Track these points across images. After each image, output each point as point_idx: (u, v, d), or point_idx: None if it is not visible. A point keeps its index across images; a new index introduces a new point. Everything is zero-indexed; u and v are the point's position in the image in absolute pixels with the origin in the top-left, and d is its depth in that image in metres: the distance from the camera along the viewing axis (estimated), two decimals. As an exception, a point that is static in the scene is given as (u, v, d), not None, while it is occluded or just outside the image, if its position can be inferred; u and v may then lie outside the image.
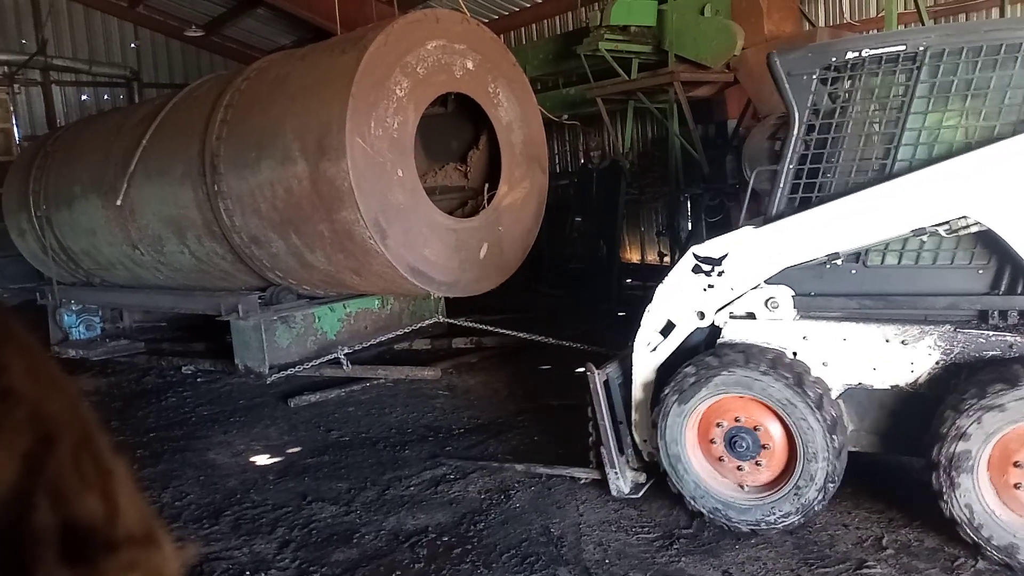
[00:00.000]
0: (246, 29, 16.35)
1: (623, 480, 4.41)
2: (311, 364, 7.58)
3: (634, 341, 4.36)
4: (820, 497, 3.83)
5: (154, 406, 7.26)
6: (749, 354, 3.93)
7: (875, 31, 8.70)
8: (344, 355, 7.41)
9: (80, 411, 0.52)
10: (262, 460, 5.67)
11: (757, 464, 3.98)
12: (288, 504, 4.80)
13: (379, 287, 7.54)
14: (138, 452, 5.86)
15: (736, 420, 3.98)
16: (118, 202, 8.29)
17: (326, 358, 7.54)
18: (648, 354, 4.32)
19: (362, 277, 7.16)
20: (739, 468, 4.03)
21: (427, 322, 8.15)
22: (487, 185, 7.69)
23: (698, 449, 4.10)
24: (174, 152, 7.89)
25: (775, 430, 3.93)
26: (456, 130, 8.37)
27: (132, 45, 16.43)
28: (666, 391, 4.07)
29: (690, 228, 10.53)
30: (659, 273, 11.16)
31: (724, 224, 9.02)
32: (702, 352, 4.15)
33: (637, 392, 4.39)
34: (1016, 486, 3.42)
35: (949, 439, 3.42)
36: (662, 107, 9.75)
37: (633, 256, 12.41)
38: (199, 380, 8.07)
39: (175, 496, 5.05)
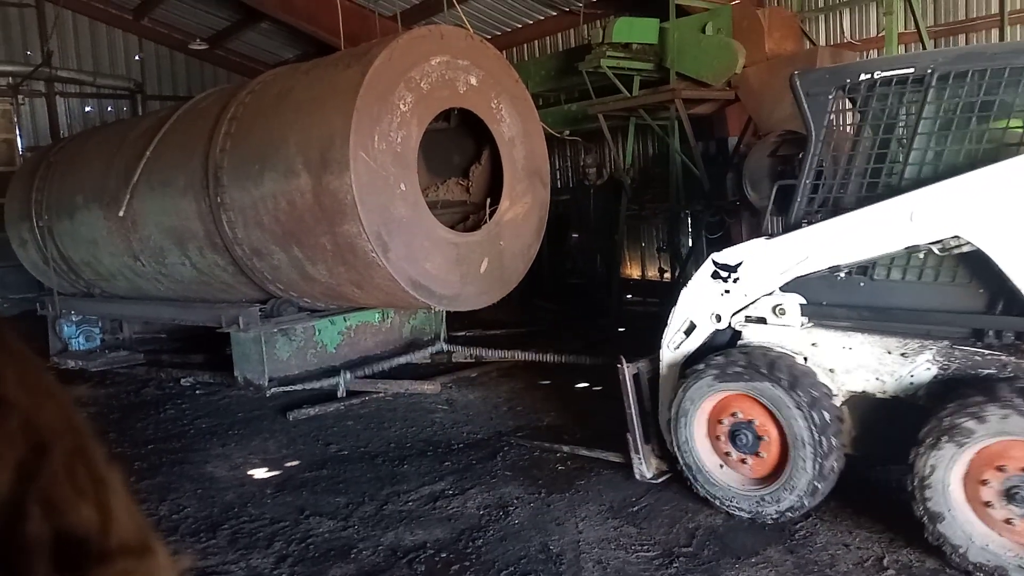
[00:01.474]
0: (250, 43, 16.45)
1: (646, 465, 4.77)
2: (314, 385, 7.55)
3: (661, 339, 4.70)
4: (808, 493, 4.03)
5: (152, 418, 7.23)
6: (752, 356, 4.16)
7: (876, 51, 8.76)
8: (344, 381, 7.37)
9: (74, 420, 0.51)
10: (260, 473, 5.64)
11: (756, 457, 4.27)
12: (286, 518, 4.77)
13: (380, 300, 7.54)
14: (136, 464, 5.84)
15: (738, 416, 4.27)
16: (120, 213, 8.30)
17: (329, 381, 7.44)
18: (672, 351, 4.66)
19: (363, 290, 7.16)
20: (740, 460, 4.32)
21: (431, 350, 8.01)
22: (489, 200, 7.71)
23: (706, 440, 4.43)
24: (177, 164, 7.91)
25: (772, 427, 4.18)
26: (458, 145, 8.40)
27: (136, 57, 16.52)
28: (681, 385, 4.42)
29: (691, 244, 10.55)
30: (659, 289, 11.20)
31: (724, 240, 9.04)
32: (726, 350, 4.44)
33: (663, 386, 4.71)
34: (987, 504, 3.51)
35: (925, 446, 3.58)
36: (663, 124, 9.79)
37: (633, 272, 12.42)
38: (198, 392, 8.05)
39: (172, 509, 5.02)
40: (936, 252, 3.82)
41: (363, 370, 7.81)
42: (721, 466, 4.39)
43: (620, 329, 9.66)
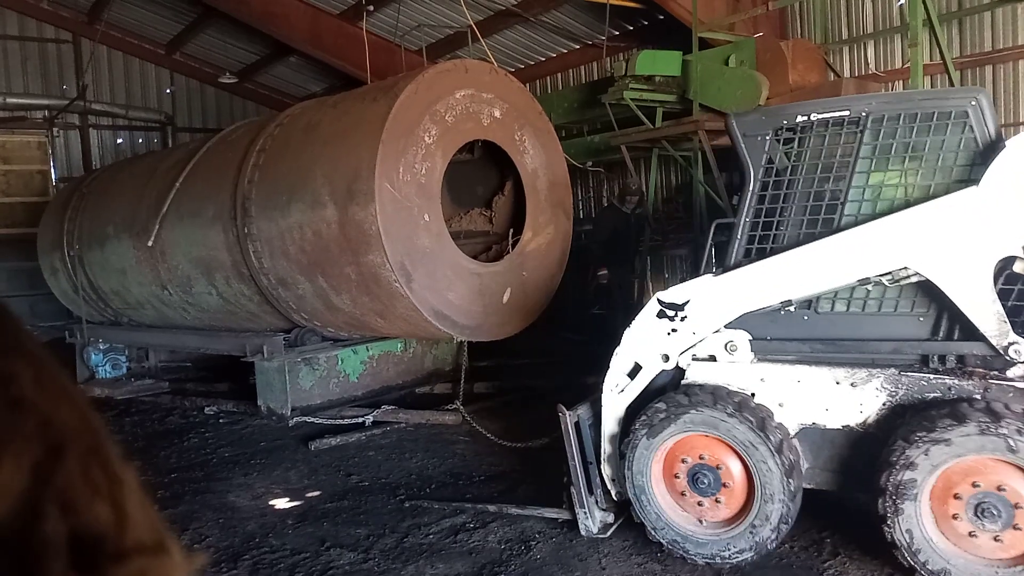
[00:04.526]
0: (278, 76, 16.79)
1: (592, 520, 4.55)
2: (337, 416, 7.54)
3: (603, 383, 4.54)
4: (774, 536, 3.99)
5: (176, 447, 7.27)
6: (717, 396, 4.12)
7: (901, 82, 8.73)
8: (371, 419, 7.36)
9: (89, 420, 0.52)
10: (282, 504, 5.63)
11: (717, 501, 4.18)
12: (306, 549, 4.75)
13: (403, 330, 7.56)
14: (159, 493, 5.86)
15: (700, 457, 4.19)
16: (149, 243, 8.45)
17: (354, 419, 7.43)
18: (616, 396, 4.52)
19: (386, 320, 7.19)
20: (699, 503, 4.21)
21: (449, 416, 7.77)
22: (512, 230, 7.74)
23: (662, 483, 4.31)
24: (206, 195, 8.04)
25: (736, 469, 4.12)
26: (482, 176, 8.47)
27: (167, 90, 16.92)
28: (636, 425, 4.28)
29: (714, 275, 10.44)
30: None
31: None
32: (669, 392, 4.36)
33: (606, 432, 4.57)
34: (955, 516, 3.58)
35: (898, 467, 3.60)
36: (686, 155, 9.79)
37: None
38: (221, 421, 8.08)
39: (194, 539, 5.02)
40: (886, 283, 3.98)
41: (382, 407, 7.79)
42: (701, 522, 4.23)
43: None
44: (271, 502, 5.67)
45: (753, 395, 4.19)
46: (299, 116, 7.76)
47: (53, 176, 14.26)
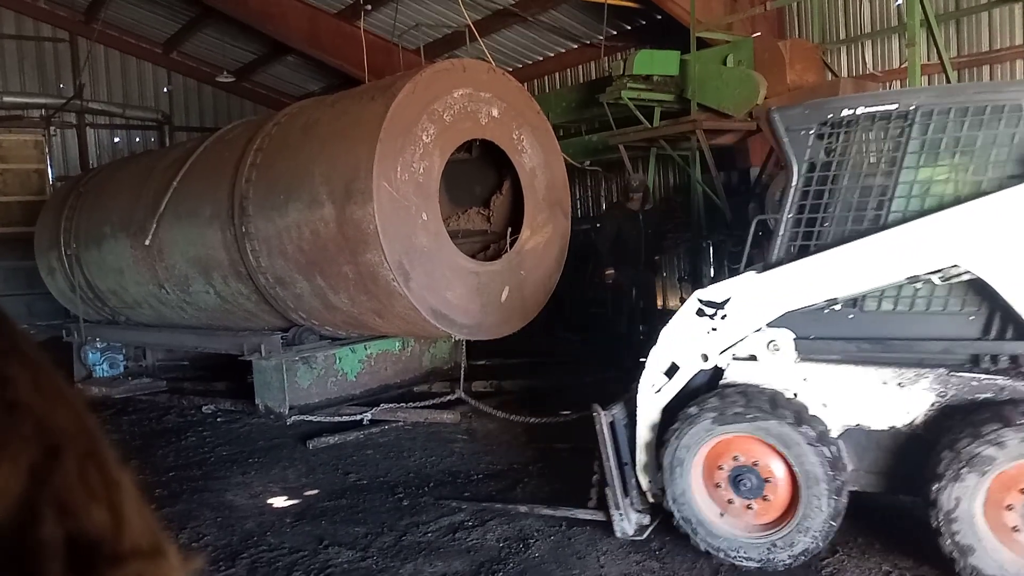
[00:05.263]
0: (276, 75, 16.78)
1: (627, 522, 4.45)
2: (334, 412, 7.53)
3: (639, 383, 4.42)
4: (790, 562, 3.95)
5: (174, 445, 7.26)
6: (802, 417, 3.97)
7: (899, 82, 8.74)
8: (369, 417, 7.36)
9: (86, 423, 0.52)
10: (280, 502, 5.63)
11: (749, 507, 4.09)
12: (305, 548, 4.75)
13: (401, 329, 7.56)
14: (157, 492, 5.85)
15: (754, 463, 4.06)
16: (147, 242, 8.43)
17: (352, 418, 7.41)
18: (653, 395, 4.40)
19: (384, 319, 7.19)
20: (730, 500, 4.13)
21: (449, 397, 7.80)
22: (510, 229, 7.74)
23: (702, 467, 4.20)
24: (204, 194, 8.04)
25: (783, 488, 4.01)
26: (480, 175, 8.46)
27: (165, 90, 16.91)
28: (707, 405, 4.10)
29: (712, 275, 10.46)
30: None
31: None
32: (720, 390, 4.24)
33: (642, 433, 4.45)
34: (1008, 507, 3.54)
35: (984, 442, 3.50)
36: (684, 154, 9.80)
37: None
38: (219, 420, 8.08)
39: (192, 537, 5.02)
40: (936, 281, 3.88)
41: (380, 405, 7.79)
42: (721, 515, 4.17)
43: (642, 360, 9.55)
44: (269, 501, 5.67)
45: (795, 395, 4.09)
46: (297, 115, 7.76)
47: (50, 175, 14.22)
